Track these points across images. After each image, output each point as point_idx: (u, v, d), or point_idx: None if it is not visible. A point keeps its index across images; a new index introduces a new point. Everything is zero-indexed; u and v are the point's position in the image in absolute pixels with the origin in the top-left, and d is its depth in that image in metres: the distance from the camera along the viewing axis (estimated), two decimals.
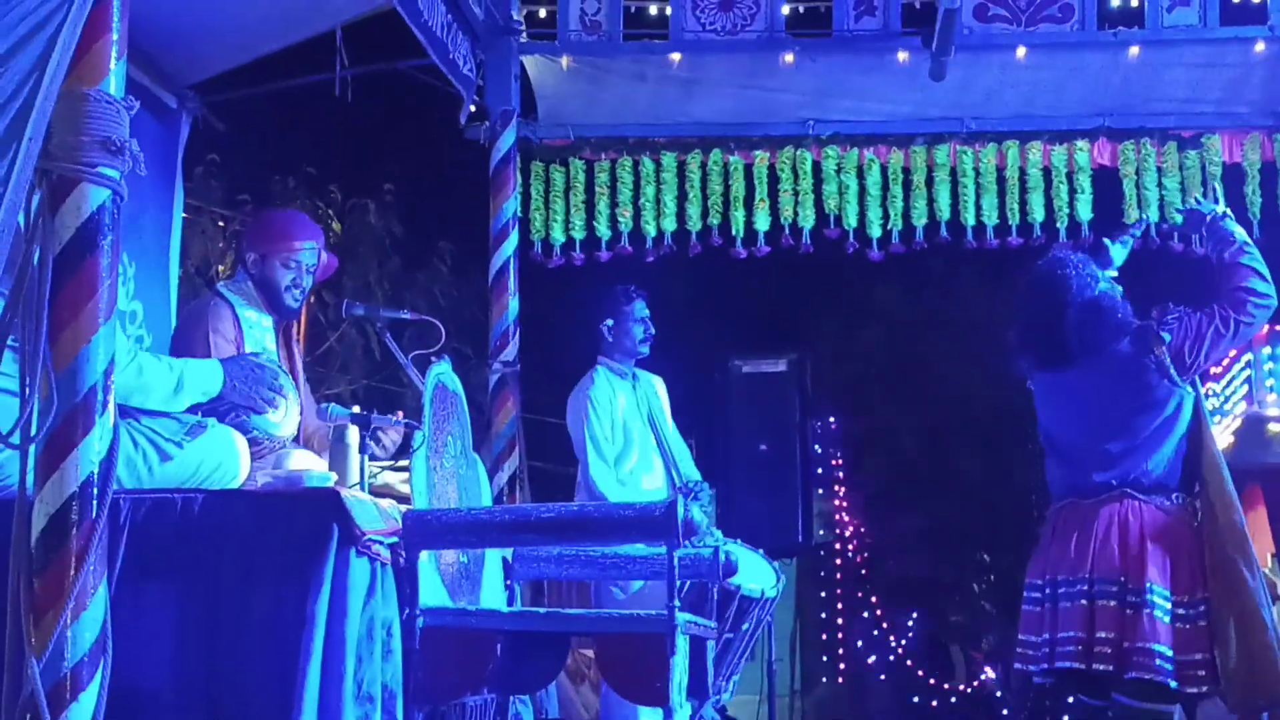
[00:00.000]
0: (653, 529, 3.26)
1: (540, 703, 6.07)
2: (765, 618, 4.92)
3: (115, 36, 2.44)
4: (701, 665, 3.56)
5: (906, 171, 6.43)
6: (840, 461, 15.27)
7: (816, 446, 14.92)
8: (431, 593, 3.35)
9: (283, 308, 4.17)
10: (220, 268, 10.23)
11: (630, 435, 5.27)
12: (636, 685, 3.30)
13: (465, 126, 6.31)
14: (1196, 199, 4.47)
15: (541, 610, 3.79)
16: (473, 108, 6.22)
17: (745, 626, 4.79)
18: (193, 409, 3.39)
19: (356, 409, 3.88)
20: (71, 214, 2.40)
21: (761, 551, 4.98)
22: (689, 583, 4.37)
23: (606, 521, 3.40)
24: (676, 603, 3.20)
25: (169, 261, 5.59)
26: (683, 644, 3.24)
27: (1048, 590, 4.21)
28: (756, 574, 4.83)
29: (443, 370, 3.67)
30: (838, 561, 15.47)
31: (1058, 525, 4.26)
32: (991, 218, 6.36)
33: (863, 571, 15.11)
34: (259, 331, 4.12)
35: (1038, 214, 6.33)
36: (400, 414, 3.99)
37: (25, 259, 2.38)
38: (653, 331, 5.40)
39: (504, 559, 3.87)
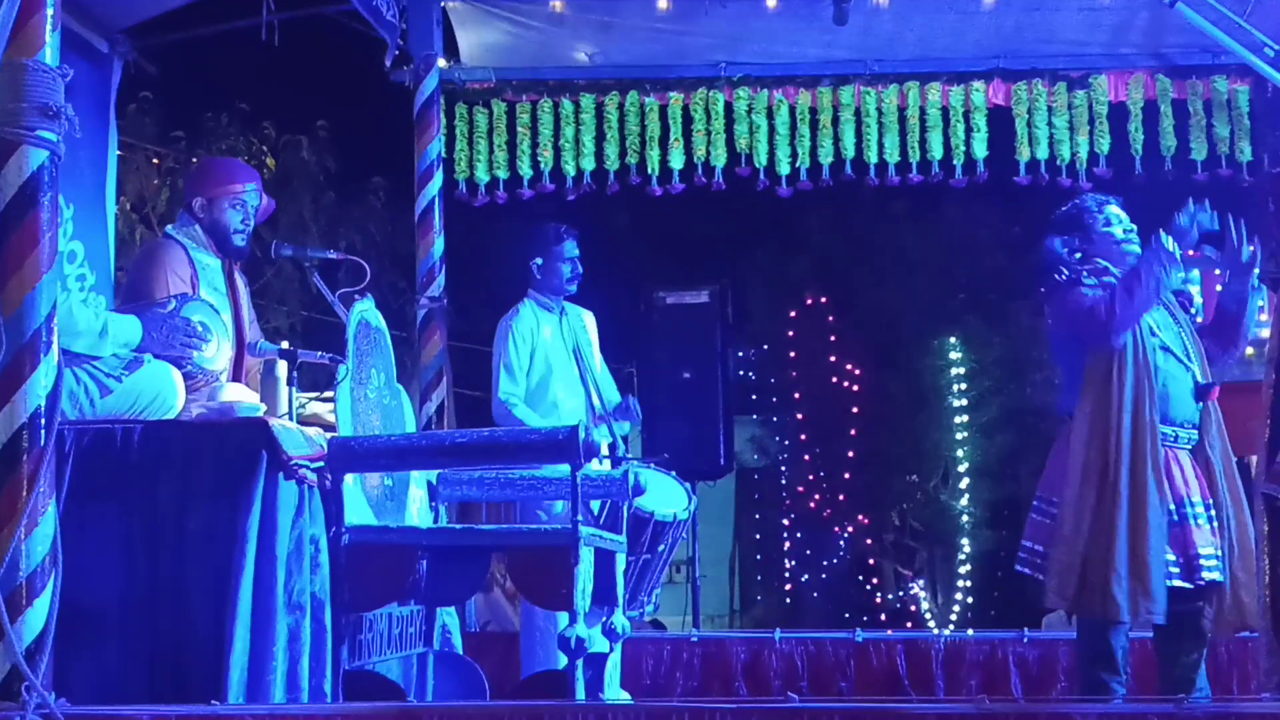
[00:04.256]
0: (557, 451, 3.55)
1: (467, 616, 6.41)
2: (680, 536, 5.21)
3: (50, 11, 2.68)
4: (610, 576, 3.85)
5: (813, 111, 6.66)
6: (773, 388, 15.63)
7: (750, 374, 15.29)
8: (359, 513, 3.63)
9: (231, 249, 4.34)
10: (154, 205, 10.34)
11: (553, 365, 5.46)
12: (545, 593, 3.59)
13: (390, 70, 6.48)
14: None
15: (458, 527, 4.06)
16: (397, 52, 6.39)
17: (661, 548, 5.08)
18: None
19: (285, 344, 4.13)
20: (14, 173, 2.65)
21: (674, 474, 5.24)
22: (606, 505, 4.68)
23: (515, 444, 3.70)
24: (580, 517, 3.50)
25: (106, 201, 5.76)
26: (587, 555, 3.53)
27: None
28: (669, 496, 5.09)
29: (365, 307, 3.92)
30: (771, 485, 15.87)
31: None
32: (893, 155, 6.62)
33: (796, 493, 15.47)
34: (211, 273, 4.29)
35: (936, 152, 6.59)
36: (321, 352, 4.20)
37: None
38: (580, 271, 5.53)
39: (429, 483, 4.13)
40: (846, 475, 15.11)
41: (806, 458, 15.39)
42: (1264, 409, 3.56)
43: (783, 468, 15.70)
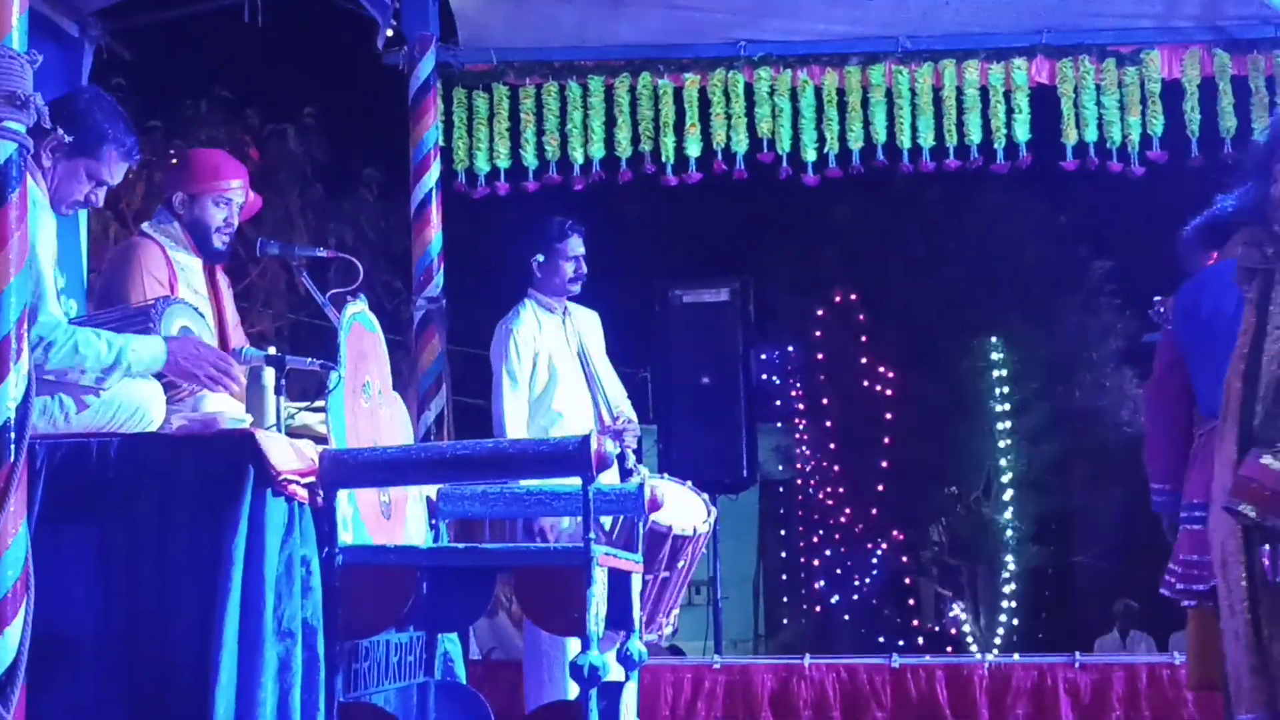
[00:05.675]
0: (567, 463, 3.55)
1: (470, 643, 6.42)
2: (700, 551, 5.22)
3: None
4: (625, 598, 3.86)
5: (841, 93, 6.64)
6: (800, 393, 15.63)
7: (774, 378, 15.30)
8: (354, 532, 3.63)
9: (211, 250, 4.35)
10: (128, 201, 10.36)
11: (556, 370, 5.46)
12: (554, 617, 3.59)
13: (383, 52, 6.50)
14: None
15: (460, 546, 4.06)
16: (389, 32, 6.41)
17: (680, 564, 5.09)
18: None
19: (272, 350, 4.13)
20: None
21: (690, 483, 5.25)
22: (620, 521, 4.68)
23: (523, 457, 3.70)
24: (593, 535, 3.50)
25: None
26: (600, 576, 3.53)
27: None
28: (686, 509, 5.11)
29: (358, 309, 3.91)
30: (799, 498, 15.86)
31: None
32: (928, 139, 6.61)
33: (826, 507, 15.46)
34: (190, 274, 4.31)
35: (975, 135, 6.58)
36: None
37: None
38: (584, 271, 5.52)
39: (427, 498, 4.14)
40: (880, 487, 15.11)
41: (836, 468, 15.39)
42: (1229, 410, 3.42)
43: (811, 479, 15.69)
